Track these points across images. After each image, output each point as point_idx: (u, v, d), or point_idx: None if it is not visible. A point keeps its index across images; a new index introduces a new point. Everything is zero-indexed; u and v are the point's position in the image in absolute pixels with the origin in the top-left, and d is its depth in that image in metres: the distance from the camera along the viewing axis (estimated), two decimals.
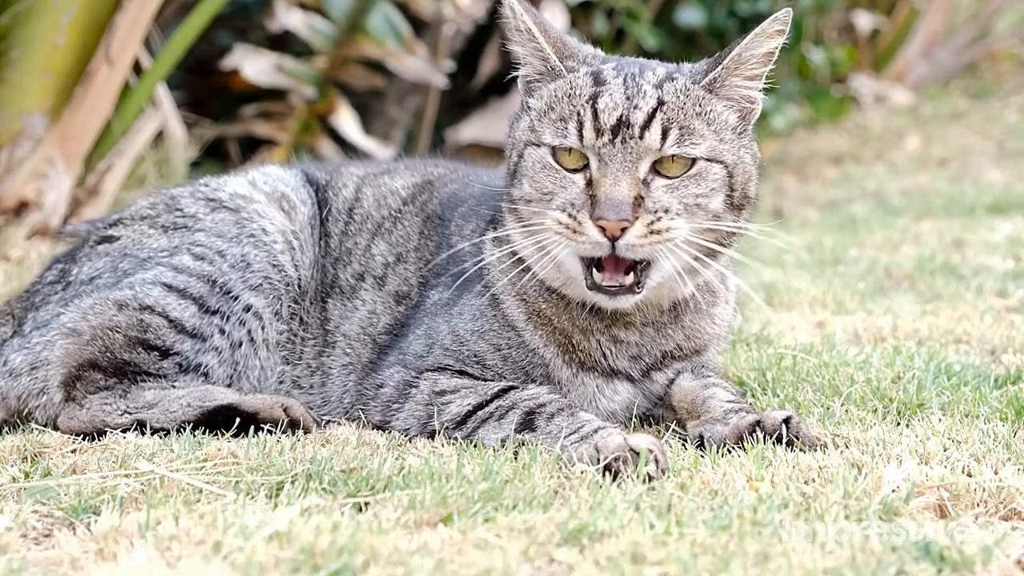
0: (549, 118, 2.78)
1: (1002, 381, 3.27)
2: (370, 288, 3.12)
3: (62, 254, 3.32)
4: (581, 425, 2.68)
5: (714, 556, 2.12)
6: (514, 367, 2.91)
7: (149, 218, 3.22)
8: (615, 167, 2.67)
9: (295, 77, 6.31)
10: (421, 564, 2.08)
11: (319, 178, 3.34)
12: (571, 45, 2.90)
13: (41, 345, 3.02)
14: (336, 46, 6.32)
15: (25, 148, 5.01)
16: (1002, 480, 2.49)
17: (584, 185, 2.70)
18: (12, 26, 4.92)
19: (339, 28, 6.31)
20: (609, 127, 2.69)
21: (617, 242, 2.65)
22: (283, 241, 3.13)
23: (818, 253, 5.51)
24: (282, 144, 6.38)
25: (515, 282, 2.90)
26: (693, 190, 2.72)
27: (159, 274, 3.06)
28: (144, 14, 5.12)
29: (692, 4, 7.87)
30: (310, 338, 3.14)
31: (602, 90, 2.74)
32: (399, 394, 2.94)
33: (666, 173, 2.71)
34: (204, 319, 3.02)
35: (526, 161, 2.80)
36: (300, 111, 6.41)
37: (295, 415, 2.94)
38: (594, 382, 2.92)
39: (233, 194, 3.19)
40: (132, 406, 2.95)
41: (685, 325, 2.97)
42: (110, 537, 2.23)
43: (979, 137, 9.31)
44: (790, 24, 2.77)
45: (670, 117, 2.71)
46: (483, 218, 3.04)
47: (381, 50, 6.30)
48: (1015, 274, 4.85)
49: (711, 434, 2.81)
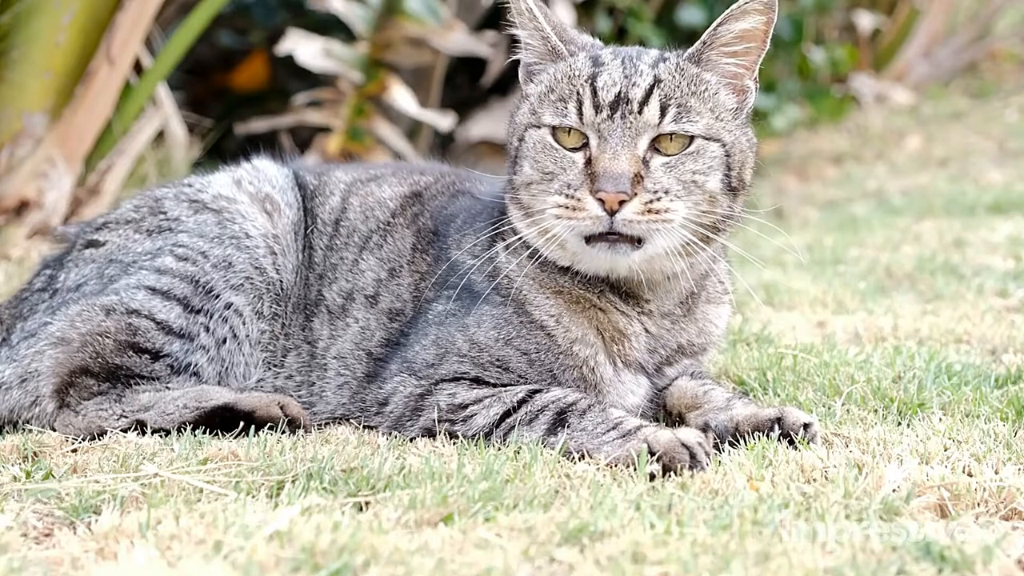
0: (549, 99, 2.81)
1: (1003, 381, 3.27)
2: (361, 307, 3.09)
3: (51, 258, 3.30)
4: (619, 421, 2.68)
5: (714, 556, 2.12)
6: (541, 370, 2.88)
7: (134, 222, 3.20)
8: (614, 142, 2.70)
9: (343, 61, 6.34)
10: (421, 564, 2.08)
11: (308, 182, 3.31)
12: (570, 32, 2.96)
13: (30, 357, 3.01)
14: (377, 29, 6.35)
15: (26, 147, 5.01)
16: (1003, 480, 2.50)
17: (583, 165, 2.73)
18: (13, 26, 4.92)
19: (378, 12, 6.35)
20: (608, 103, 2.73)
21: (615, 216, 2.67)
22: (264, 245, 3.12)
23: (819, 253, 5.51)
24: (337, 130, 6.39)
25: (539, 280, 2.89)
26: (691, 167, 2.74)
27: (143, 278, 3.05)
28: (145, 14, 5.12)
29: (693, 3, 7.89)
30: (292, 348, 3.11)
31: (600, 70, 2.78)
32: (411, 408, 2.90)
33: (665, 151, 2.74)
34: (190, 319, 3.02)
35: (527, 143, 2.83)
36: (351, 95, 6.42)
37: (292, 413, 2.94)
38: (624, 373, 2.92)
39: (217, 195, 3.18)
40: (128, 409, 2.95)
41: (697, 318, 3.00)
42: (111, 536, 2.23)
43: (980, 137, 9.30)
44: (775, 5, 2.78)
45: (667, 94, 2.75)
46: (483, 231, 3.00)
47: (423, 28, 6.35)
48: (1015, 274, 4.85)
49: (716, 422, 2.82)
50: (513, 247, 2.89)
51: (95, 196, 5.21)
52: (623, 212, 2.68)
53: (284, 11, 7.17)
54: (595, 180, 2.68)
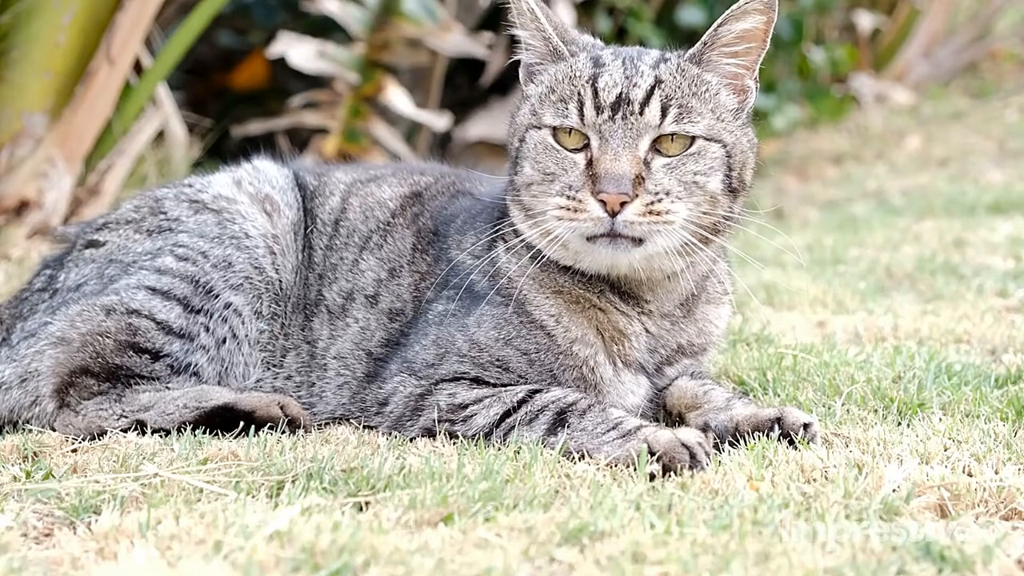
0: (550, 100, 2.82)
1: (1003, 381, 3.27)
2: (361, 307, 3.09)
3: (51, 258, 3.30)
4: (619, 421, 2.69)
5: (714, 556, 2.12)
6: (541, 370, 2.88)
7: (134, 222, 3.20)
8: (615, 143, 2.70)
9: (338, 63, 6.33)
10: (421, 563, 2.08)
11: (308, 183, 3.31)
12: (571, 32, 2.96)
13: (30, 357, 3.01)
14: (373, 30, 6.35)
15: (26, 147, 5.01)
16: (1003, 480, 2.50)
17: (584, 166, 2.73)
18: (13, 26, 4.92)
19: (374, 13, 6.35)
20: (609, 104, 2.73)
21: (616, 218, 2.67)
22: (264, 245, 3.12)
23: (819, 253, 5.51)
24: (333, 132, 6.39)
25: (539, 279, 2.89)
26: (692, 167, 2.75)
27: (143, 278, 3.05)
28: (145, 14, 5.12)
29: (693, 3, 7.90)
30: (292, 348, 3.11)
31: (602, 71, 2.79)
32: (411, 408, 2.91)
33: (666, 152, 2.74)
34: (190, 319, 3.02)
35: (528, 144, 2.83)
36: (347, 97, 6.42)
37: (292, 413, 2.94)
38: (624, 373, 2.92)
39: (217, 195, 3.18)
40: (128, 409, 2.95)
41: (697, 319, 3.00)
42: (111, 536, 2.23)
43: (980, 137, 9.31)
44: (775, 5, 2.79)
45: (668, 95, 2.75)
46: (483, 232, 3.01)
47: (420, 29, 6.34)
48: (1015, 274, 4.85)
49: (716, 422, 2.82)
50: (514, 248, 2.89)
51: (95, 196, 5.21)
52: (624, 213, 2.68)
53: (284, 11, 7.17)
54: (596, 181, 2.69)
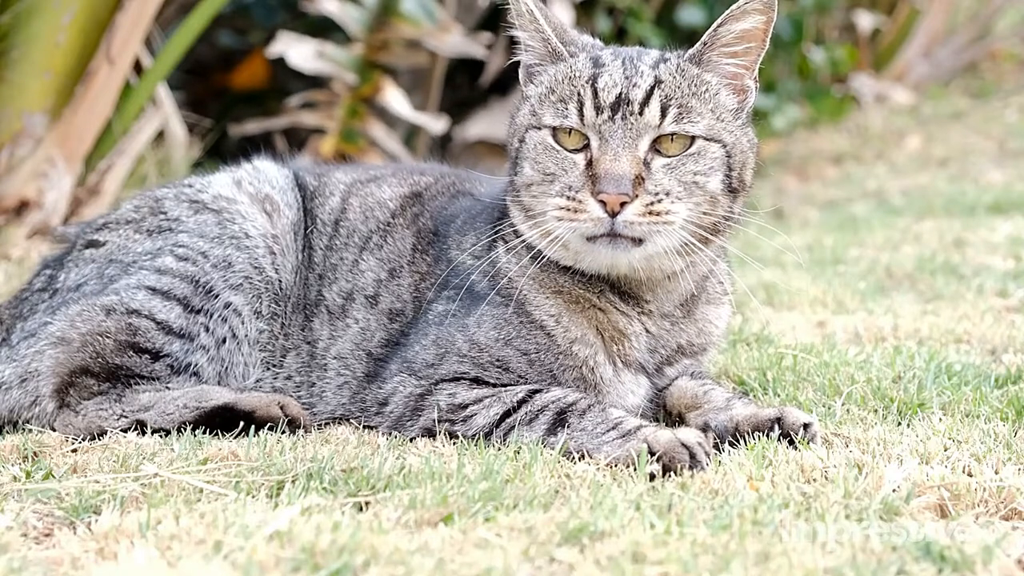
0: (550, 100, 2.82)
1: (1003, 381, 3.27)
2: (361, 307, 3.09)
3: (51, 258, 3.30)
4: (619, 421, 2.69)
5: (714, 556, 2.12)
6: (541, 370, 2.88)
7: (134, 222, 3.20)
8: (615, 143, 2.70)
9: (337, 63, 6.33)
10: (421, 563, 2.08)
11: (308, 183, 3.31)
12: (571, 33, 2.96)
13: (30, 357, 3.01)
14: (372, 31, 6.35)
15: (26, 147, 5.01)
16: (1003, 480, 2.49)
17: (584, 166, 2.73)
18: (13, 26, 4.92)
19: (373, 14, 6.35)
20: (609, 104, 2.73)
21: (616, 218, 2.68)
22: (264, 245, 3.12)
23: (818, 253, 5.51)
24: (330, 132, 6.39)
25: (539, 280, 2.89)
26: (692, 167, 2.75)
27: (143, 278, 3.05)
28: (145, 14, 5.12)
29: (693, 3, 7.89)
30: (292, 348, 3.11)
31: (601, 71, 2.79)
32: (411, 408, 2.91)
33: (666, 152, 2.74)
34: (190, 319, 3.02)
35: (527, 144, 2.83)
36: (345, 97, 6.42)
37: (292, 413, 2.94)
38: (625, 374, 2.92)
39: (217, 195, 3.18)
40: (128, 409, 2.95)
41: (697, 319, 3.00)
42: (111, 536, 2.23)
43: (980, 137, 9.31)
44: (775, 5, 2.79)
45: (668, 95, 2.75)
46: (483, 232, 3.01)
47: (418, 30, 6.35)
48: (1015, 274, 4.85)
49: (716, 422, 2.83)
50: (514, 248, 2.89)
51: (95, 196, 5.21)
52: (624, 214, 2.68)
53: (284, 11, 7.17)
54: (596, 182, 2.69)
